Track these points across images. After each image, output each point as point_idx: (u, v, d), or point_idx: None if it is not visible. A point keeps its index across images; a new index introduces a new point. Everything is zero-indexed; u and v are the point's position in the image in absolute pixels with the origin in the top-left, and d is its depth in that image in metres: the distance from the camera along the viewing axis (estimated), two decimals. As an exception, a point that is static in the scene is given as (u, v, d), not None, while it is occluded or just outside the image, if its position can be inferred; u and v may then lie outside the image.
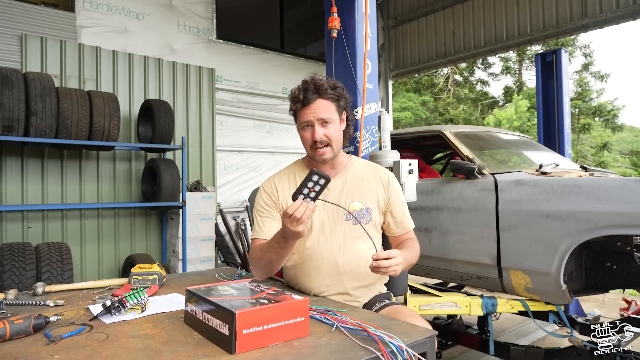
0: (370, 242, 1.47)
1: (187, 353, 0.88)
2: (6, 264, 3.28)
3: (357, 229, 1.50)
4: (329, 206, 1.49)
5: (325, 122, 1.45)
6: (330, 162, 1.53)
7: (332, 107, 1.47)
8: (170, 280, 1.63)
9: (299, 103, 1.47)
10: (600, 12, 5.35)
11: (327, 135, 1.45)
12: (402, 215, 1.59)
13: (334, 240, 1.49)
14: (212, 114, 5.65)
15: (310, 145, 1.48)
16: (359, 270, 1.49)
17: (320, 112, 1.44)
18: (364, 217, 1.51)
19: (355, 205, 1.51)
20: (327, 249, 1.49)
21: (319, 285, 1.50)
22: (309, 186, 1.18)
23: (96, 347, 0.92)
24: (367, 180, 1.56)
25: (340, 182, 1.53)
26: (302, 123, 1.48)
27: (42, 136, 3.67)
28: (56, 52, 4.47)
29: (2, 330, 0.94)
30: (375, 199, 1.54)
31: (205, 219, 4.82)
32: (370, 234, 1.47)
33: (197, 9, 5.85)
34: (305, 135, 1.49)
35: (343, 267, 1.48)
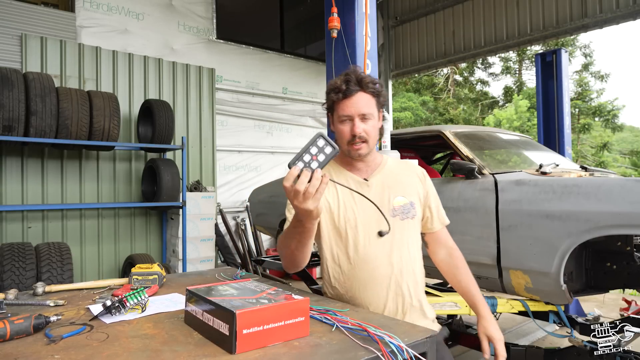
0: (416, 239, 1.45)
1: (188, 353, 0.88)
2: (6, 264, 3.28)
3: (405, 225, 1.43)
4: (375, 201, 1.38)
5: (366, 118, 1.38)
6: (365, 159, 1.45)
7: (372, 102, 1.40)
8: (170, 280, 1.63)
9: (340, 94, 1.38)
10: (600, 12, 5.35)
11: (366, 131, 1.38)
12: (439, 209, 1.55)
13: (385, 238, 1.40)
14: (212, 114, 5.65)
15: (347, 140, 1.40)
16: (411, 269, 1.42)
17: (362, 107, 1.37)
18: (409, 212, 1.44)
19: (399, 201, 1.44)
20: (380, 249, 1.39)
21: (378, 295, 1.38)
22: (312, 152, 0.98)
23: (96, 347, 0.92)
24: (405, 175, 1.51)
25: (380, 179, 1.46)
26: (341, 116, 1.39)
27: (42, 136, 3.68)
28: (56, 52, 4.47)
29: (3, 330, 0.94)
30: (416, 193, 1.49)
31: (205, 219, 4.82)
32: (415, 229, 1.45)
33: (197, 9, 5.86)
34: (344, 129, 1.40)
35: (398, 266, 1.39)
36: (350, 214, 1.41)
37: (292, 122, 6.91)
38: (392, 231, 1.38)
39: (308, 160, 0.98)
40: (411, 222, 1.44)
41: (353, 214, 1.41)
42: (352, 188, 1.35)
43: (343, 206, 1.42)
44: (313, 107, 7.15)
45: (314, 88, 7.16)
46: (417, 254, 1.45)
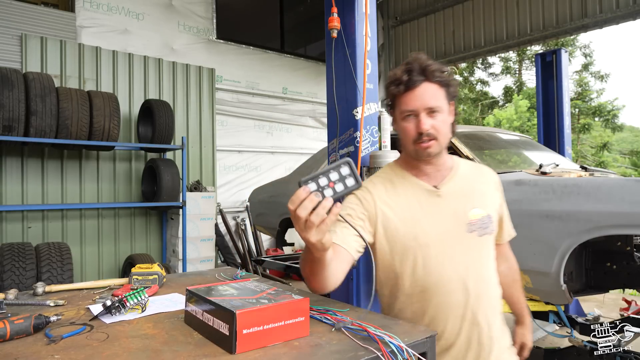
0: (493, 258, 1.26)
1: (188, 353, 0.88)
2: (6, 264, 3.28)
3: (483, 243, 1.22)
4: (447, 214, 1.20)
5: (433, 111, 1.17)
6: (435, 161, 1.24)
7: (440, 93, 1.19)
8: (170, 280, 1.63)
9: (401, 86, 1.18)
10: (600, 12, 5.35)
11: (435, 127, 1.17)
12: (508, 220, 1.37)
13: (460, 258, 1.19)
14: (212, 114, 5.65)
15: (413, 139, 1.19)
16: (489, 294, 1.22)
17: (427, 99, 1.17)
18: (488, 227, 1.22)
19: (476, 213, 1.22)
20: (453, 270, 1.18)
21: (451, 326, 1.18)
22: (331, 178, 0.82)
23: (96, 347, 0.92)
24: (480, 182, 1.29)
25: (453, 187, 1.25)
26: (404, 112, 1.20)
27: (42, 136, 3.68)
28: (56, 52, 4.47)
29: (3, 330, 0.94)
30: (493, 205, 1.28)
31: (205, 219, 4.82)
32: (492, 247, 1.25)
33: (197, 9, 5.86)
34: (407, 126, 1.20)
35: (475, 292, 1.18)
36: (418, 228, 1.20)
37: (292, 122, 6.91)
38: (469, 250, 1.19)
39: (324, 184, 0.82)
40: (489, 239, 1.24)
41: (422, 229, 1.19)
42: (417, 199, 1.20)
43: (409, 219, 1.20)
44: (313, 107, 7.14)
45: (314, 88, 7.16)
46: (495, 276, 1.26)
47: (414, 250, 1.19)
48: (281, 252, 5.61)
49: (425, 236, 1.19)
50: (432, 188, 1.23)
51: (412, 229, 1.19)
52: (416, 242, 1.19)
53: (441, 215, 1.21)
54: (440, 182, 1.24)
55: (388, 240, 1.21)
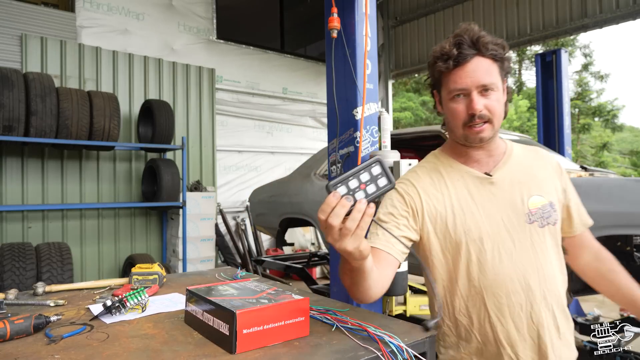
0: (559, 251, 1.11)
1: (188, 353, 0.88)
2: (6, 264, 3.28)
3: (545, 234, 1.07)
4: (502, 204, 1.07)
5: (487, 90, 1.03)
6: (487, 146, 1.11)
7: (494, 68, 1.05)
8: (170, 280, 1.63)
9: (450, 61, 1.04)
10: (600, 12, 5.35)
11: (488, 107, 1.03)
12: (579, 208, 1.19)
13: (520, 253, 1.05)
14: (212, 114, 5.65)
15: (463, 122, 1.06)
16: (556, 293, 1.07)
17: (481, 75, 1.02)
18: (550, 216, 1.08)
19: (536, 201, 1.08)
20: (513, 267, 1.05)
21: (513, 330, 1.05)
22: (362, 179, 0.75)
23: (97, 347, 0.92)
24: (538, 167, 1.15)
25: (507, 173, 1.11)
26: (453, 91, 1.05)
27: (42, 136, 3.68)
28: (56, 52, 4.47)
29: (3, 330, 0.94)
30: (555, 191, 1.12)
31: (205, 219, 4.82)
32: (557, 239, 1.11)
33: (197, 9, 5.86)
34: (457, 108, 1.06)
35: (539, 291, 1.04)
36: (470, 221, 1.07)
37: (292, 122, 6.91)
38: (530, 243, 1.06)
39: (354, 187, 0.74)
40: (553, 230, 1.09)
41: (474, 222, 1.07)
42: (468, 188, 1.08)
43: (460, 211, 1.08)
44: (313, 107, 7.14)
45: (314, 88, 7.16)
46: (561, 272, 1.11)
47: (466, 247, 1.07)
48: (281, 252, 5.61)
49: (478, 230, 1.06)
50: (484, 175, 1.10)
51: (462, 222, 1.07)
52: (469, 236, 1.06)
53: (495, 205, 1.08)
54: (493, 169, 1.11)
55: (437, 236, 1.10)
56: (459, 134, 1.09)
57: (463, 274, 1.09)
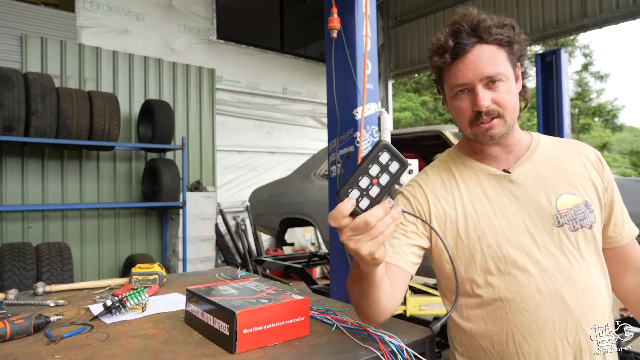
0: (599, 259, 0.94)
1: (188, 353, 0.88)
2: (6, 264, 3.28)
3: (579, 239, 0.91)
4: (524, 204, 0.94)
5: (493, 81, 0.90)
6: (504, 141, 0.97)
7: (501, 55, 0.91)
8: (170, 280, 1.63)
9: (447, 55, 0.91)
10: (600, 12, 5.35)
11: (496, 101, 0.90)
12: (623, 212, 1.01)
13: (548, 260, 0.90)
14: (212, 114, 5.65)
15: (469, 120, 0.94)
16: (598, 308, 0.89)
17: (483, 66, 0.89)
18: (585, 217, 0.92)
19: (567, 201, 0.92)
20: (541, 275, 0.89)
21: (546, 353, 0.88)
22: (372, 173, 0.65)
23: (97, 347, 0.92)
24: (571, 161, 0.98)
25: (530, 169, 0.96)
26: (455, 87, 0.93)
27: (42, 136, 3.68)
28: (56, 53, 4.47)
29: (3, 330, 0.94)
30: (592, 188, 0.95)
31: (205, 219, 4.83)
32: (596, 245, 0.93)
33: (197, 9, 5.86)
34: (461, 105, 0.94)
35: (577, 307, 0.88)
36: (485, 224, 0.94)
37: (292, 122, 6.92)
38: (560, 249, 0.90)
39: (366, 185, 0.65)
40: (589, 234, 0.92)
41: (490, 225, 0.93)
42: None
43: (473, 213, 0.95)
44: (313, 107, 7.15)
45: (314, 88, 7.16)
46: (603, 283, 0.93)
47: (481, 253, 0.93)
48: (281, 252, 5.62)
49: (495, 234, 0.93)
50: (501, 173, 0.96)
51: (475, 225, 0.94)
52: (483, 241, 0.93)
53: (516, 206, 0.94)
54: (513, 165, 0.97)
55: (448, 242, 0.97)
56: (467, 133, 0.97)
57: (478, 286, 0.94)
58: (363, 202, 0.65)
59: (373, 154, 0.66)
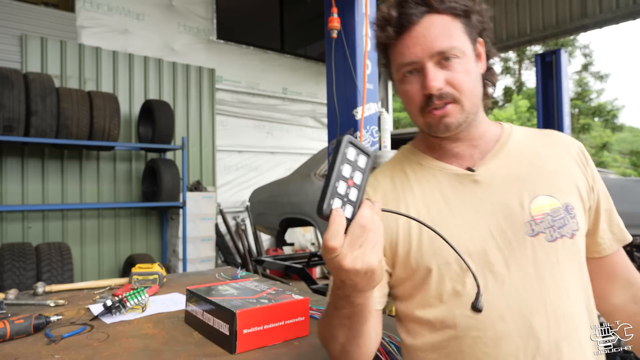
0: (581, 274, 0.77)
1: (188, 353, 0.89)
2: (6, 264, 3.28)
3: (558, 250, 0.74)
4: (493, 208, 0.76)
5: (447, 58, 0.74)
6: (466, 134, 0.80)
7: (456, 27, 0.75)
8: (170, 280, 1.63)
9: (389, 28, 0.76)
10: (600, 12, 5.35)
11: (451, 82, 0.74)
12: (611, 215, 0.84)
13: (518, 279, 0.73)
14: (212, 114, 5.66)
15: (419, 106, 0.77)
16: (578, 335, 0.73)
17: (433, 39, 0.73)
18: (566, 225, 0.75)
19: (543, 204, 0.75)
20: (506, 299, 0.72)
21: None
22: (345, 174, 0.57)
23: (97, 347, 0.92)
24: (549, 155, 0.81)
25: (500, 166, 0.79)
26: (401, 67, 0.77)
27: (42, 136, 3.68)
28: (56, 53, 4.47)
29: (3, 330, 0.94)
30: (575, 188, 0.79)
31: (205, 219, 4.83)
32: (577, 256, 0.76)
33: (197, 9, 5.86)
34: (410, 90, 0.77)
35: (551, 334, 0.71)
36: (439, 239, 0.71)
37: (292, 122, 6.92)
38: (533, 264, 0.73)
39: (344, 190, 0.57)
40: (570, 245, 0.75)
41: (450, 236, 0.68)
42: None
43: (429, 222, 0.71)
44: (313, 107, 7.15)
45: (314, 88, 7.16)
46: (584, 308, 0.76)
47: (438, 272, 0.75)
48: (281, 252, 5.62)
49: (447, 257, 0.75)
50: (465, 172, 0.79)
51: (431, 239, 0.76)
52: (440, 258, 0.75)
53: (481, 211, 0.76)
54: (479, 162, 0.80)
55: (400, 260, 0.79)
56: (419, 123, 0.80)
57: (432, 313, 0.77)
58: (347, 210, 0.57)
59: (341, 152, 0.58)
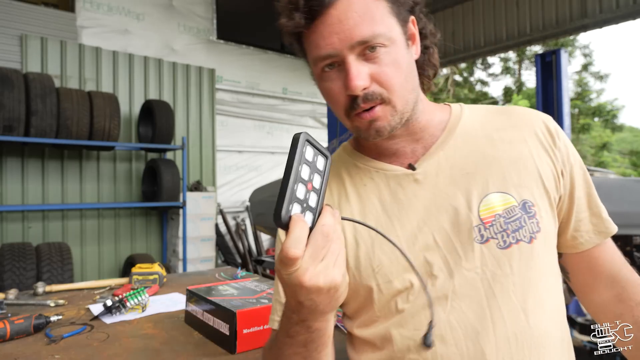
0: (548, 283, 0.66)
1: (188, 353, 0.89)
2: (6, 264, 3.28)
3: (513, 262, 0.62)
4: (436, 211, 0.65)
5: (371, 48, 0.60)
6: (404, 130, 0.68)
7: (379, 7, 0.61)
8: (170, 280, 1.63)
9: (296, 14, 0.61)
10: (600, 12, 5.35)
11: (377, 79, 0.61)
12: (591, 200, 0.71)
13: (463, 294, 0.62)
14: (212, 114, 5.66)
15: (344, 109, 0.64)
16: (540, 357, 0.61)
17: (352, 26, 0.59)
18: (524, 227, 0.63)
19: (493, 203, 0.64)
20: (449, 318, 0.62)
21: None
22: (304, 177, 0.49)
23: (97, 347, 0.92)
24: (503, 139, 0.68)
25: (443, 160, 0.67)
26: (318, 61, 0.63)
27: (42, 136, 3.68)
28: (56, 53, 4.47)
29: (3, 330, 0.94)
30: (537, 178, 0.66)
31: (205, 219, 4.83)
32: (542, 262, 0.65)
33: (197, 9, 5.86)
34: (331, 88, 0.65)
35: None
36: (381, 251, 0.66)
37: (292, 122, 6.92)
38: (482, 279, 0.62)
39: (304, 194, 0.49)
40: (528, 252, 0.63)
41: (389, 250, 0.65)
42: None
43: (366, 235, 0.67)
44: (313, 107, 7.15)
45: (314, 88, 7.04)
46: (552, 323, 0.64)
47: (378, 294, 0.65)
48: (281, 252, 5.61)
49: (395, 263, 0.65)
50: (405, 171, 0.68)
51: (370, 255, 0.66)
52: (380, 275, 0.65)
53: (423, 216, 0.65)
54: (421, 157, 0.68)
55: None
56: (347, 126, 0.67)
57: (371, 334, 0.68)
58: (307, 217, 0.48)
59: (298, 151, 0.49)
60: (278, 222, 0.47)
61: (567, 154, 0.69)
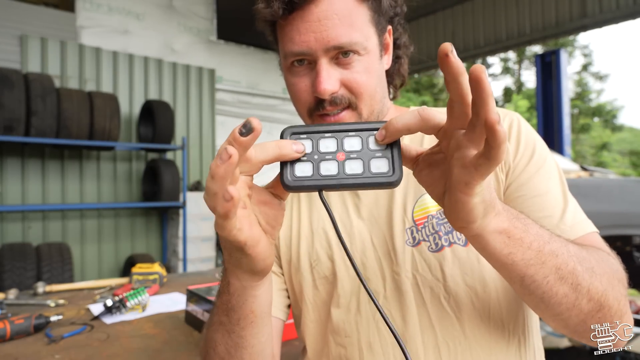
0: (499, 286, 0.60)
1: (188, 353, 0.89)
2: (6, 264, 3.28)
3: (444, 265, 0.59)
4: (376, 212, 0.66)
5: (345, 53, 0.60)
6: None
7: (360, 14, 0.60)
8: (170, 280, 1.63)
9: (275, 1, 0.59)
10: (600, 12, 5.35)
11: (348, 85, 0.61)
12: (553, 203, 0.61)
13: (396, 305, 0.61)
14: (212, 114, 5.66)
15: (308, 108, 0.66)
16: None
17: (331, 29, 0.58)
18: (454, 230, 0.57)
19: (427, 204, 0.62)
20: (379, 324, 0.61)
21: None
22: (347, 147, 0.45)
23: (97, 347, 0.92)
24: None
25: None
26: (290, 54, 0.64)
27: (42, 136, 3.68)
28: (57, 53, 4.47)
29: (3, 330, 0.94)
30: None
31: (205, 219, 4.83)
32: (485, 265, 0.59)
33: (198, 9, 5.86)
34: (297, 84, 0.66)
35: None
36: (321, 246, 0.67)
37: (292, 122, 6.93)
38: (413, 283, 0.60)
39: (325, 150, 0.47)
40: (462, 253, 0.60)
41: (328, 247, 0.67)
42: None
43: (308, 232, 0.69)
44: (313, 107, 7.17)
45: (314, 88, 7.17)
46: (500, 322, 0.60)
47: (313, 289, 0.66)
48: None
49: (331, 260, 0.65)
50: None
51: (308, 248, 0.67)
52: (317, 271, 0.66)
53: (365, 219, 0.65)
54: None
55: (285, 274, 0.71)
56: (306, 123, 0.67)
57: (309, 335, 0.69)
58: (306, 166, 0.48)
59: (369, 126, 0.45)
60: (283, 132, 0.48)
61: (520, 144, 0.64)
